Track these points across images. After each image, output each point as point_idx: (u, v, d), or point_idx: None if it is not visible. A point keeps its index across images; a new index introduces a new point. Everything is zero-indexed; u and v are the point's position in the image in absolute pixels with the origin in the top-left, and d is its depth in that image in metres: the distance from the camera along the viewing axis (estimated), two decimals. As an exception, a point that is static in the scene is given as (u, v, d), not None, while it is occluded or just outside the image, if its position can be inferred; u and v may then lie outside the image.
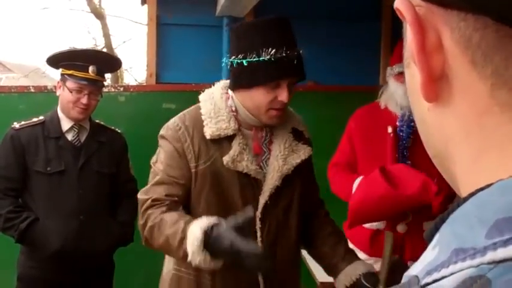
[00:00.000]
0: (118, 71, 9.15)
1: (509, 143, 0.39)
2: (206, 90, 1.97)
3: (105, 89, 2.99)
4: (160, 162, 1.88)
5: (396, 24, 3.62)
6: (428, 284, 0.37)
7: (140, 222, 1.83)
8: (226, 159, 1.82)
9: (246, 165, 1.85)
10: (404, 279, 0.40)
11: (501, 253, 0.34)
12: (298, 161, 1.92)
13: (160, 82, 4.05)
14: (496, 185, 0.37)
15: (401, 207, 2.30)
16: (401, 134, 2.52)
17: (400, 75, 2.48)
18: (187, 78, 3.98)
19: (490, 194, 0.37)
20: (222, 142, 1.85)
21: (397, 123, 2.55)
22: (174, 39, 4.10)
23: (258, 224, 1.89)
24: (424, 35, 0.41)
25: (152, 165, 1.93)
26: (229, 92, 1.91)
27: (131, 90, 3.99)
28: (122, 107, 3.85)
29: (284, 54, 1.74)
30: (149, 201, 1.82)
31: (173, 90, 3.92)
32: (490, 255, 0.34)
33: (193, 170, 1.84)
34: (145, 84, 4.74)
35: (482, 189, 0.38)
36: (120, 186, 2.95)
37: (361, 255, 2.52)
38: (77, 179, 2.77)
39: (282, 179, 1.90)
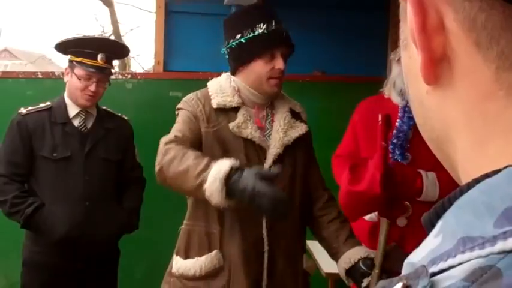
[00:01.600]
0: (126, 58, 9.16)
1: None
2: (214, 78, 2.22)
3: (112, 76, 2.99)
4: (175, 129, 2.08)
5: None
6: (435, 274, 0.35)
7: (160, 156, 1.99)
8: (232, 124, 2.05)
9: (250, 132, 2.07)
10: (407, 267, 0.39)
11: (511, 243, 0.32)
12: (297, 134, 2.15)
13: (167, 70, 4.05)
14: (504, 171, 0.36)
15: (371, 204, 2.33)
16: (403, 125, 2.50)
17: None
18: (195, 67, 3.97)
19: (498, 180, 0.36)
20: (229, 112, 2.09)
21: (399, 114, 2.53)
22: (182, 27, 4.09)
23: None
24: (425, 15, 0.40)
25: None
26: (232, 77, 2.17)
27: (138, 77, 3.99)
28: (129, 94, 3.85)
29: (274, 28, 2.06)
30: (171, 136, 2.02)
31: (180, 78, 3.92)
32: (500, 245, 0.33)
33: (203, 130, 2.06)
34: (152, 71, 4.74)
35: (488, 175, 0.37)
36: (126, 173, 2.95)
37: None
38: (83, 166, 2.78)
39: (284, 148, 2.11)
